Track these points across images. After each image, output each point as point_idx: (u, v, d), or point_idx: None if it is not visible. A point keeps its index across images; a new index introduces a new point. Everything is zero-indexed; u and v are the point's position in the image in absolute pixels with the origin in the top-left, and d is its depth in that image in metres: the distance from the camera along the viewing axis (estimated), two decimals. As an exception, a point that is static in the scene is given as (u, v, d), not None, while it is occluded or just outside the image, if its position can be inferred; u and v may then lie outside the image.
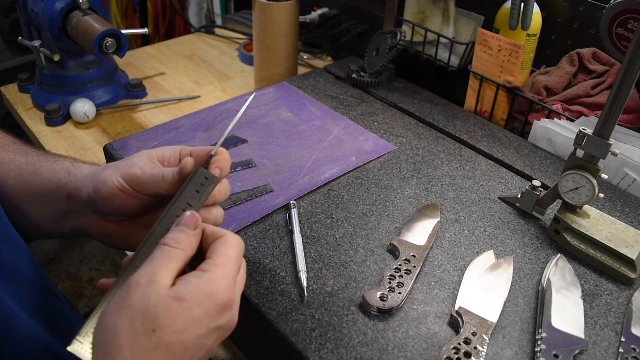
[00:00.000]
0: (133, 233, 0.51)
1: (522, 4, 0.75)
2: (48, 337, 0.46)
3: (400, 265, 0.55)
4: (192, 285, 0.37)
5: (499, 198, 0.67)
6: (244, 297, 0.52)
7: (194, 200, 0.44)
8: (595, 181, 0.56)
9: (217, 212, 0.48)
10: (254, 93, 0.51)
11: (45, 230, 0.53)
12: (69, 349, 0.38)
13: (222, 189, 0.47)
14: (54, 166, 0.53)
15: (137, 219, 0.51)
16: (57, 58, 0.91)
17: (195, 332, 0.36)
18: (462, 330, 0.48)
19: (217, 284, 0.38)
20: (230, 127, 0.48)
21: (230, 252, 0.40)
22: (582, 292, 0.54)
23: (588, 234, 0.58)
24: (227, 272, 0.39)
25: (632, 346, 0.49)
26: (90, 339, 0.39)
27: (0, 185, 0.53)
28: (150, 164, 0.47)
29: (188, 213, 0.42)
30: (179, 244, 0.39)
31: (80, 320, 0.54)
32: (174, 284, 0.37)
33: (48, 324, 0.47)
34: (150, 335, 0.35)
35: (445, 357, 0.46)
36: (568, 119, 0.76)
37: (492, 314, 0.50)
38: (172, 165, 0.49)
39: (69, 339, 0.49)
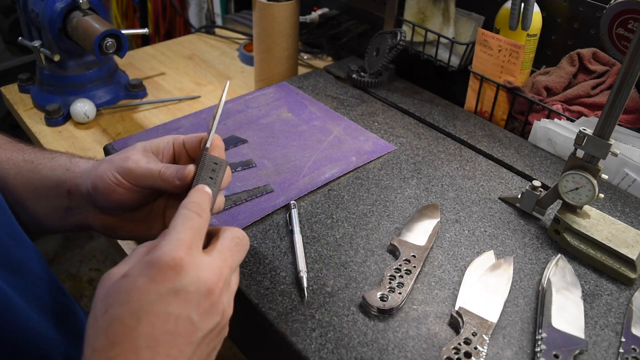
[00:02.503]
0: (135, 224, 0.52)
1: (522, 4, 0.75)
2: (55, 333, 0.46)
3: (400, 265, 0.55)
4: (136, 261, 0.37)
5: (499, 198, 0.67)
6: (245, 297, 0.52)
7: (211, 186, 0.44)
8: (595, 181, 0.56)
9: (220, 199, 0.48)
10: (228, 81, 0.52)
11: (49, 225, 0.54)
12: None
13: (226, 175, 0.48)
14: (52, 163, 0.53)
15: (137, 211, 0.51)
16: (57, 58, 0.90)
17: (143, 299, 0.35)
18: (462, 330, 0.48)
19: (157, 250, 0.36)
20: (218, 115, 0.47)
21: (177, 219, 0.39)
22: (582, 292, 0.54)
23: (588, 234, 0.58)
24: (173, 237, 0.37)
25: (632, 346, 0.49)
26: None
27: (2, 182, 0.53)
28: (144, 157, 0.47)
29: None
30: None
31: (86, 318, 0.54)
32: None
33: (56, 320, 0.47)
34: (104, 315, 0.35)
35: (445, 357, 0.46)
36: (568, 119, 0.76)
37: (492, 314, 0.50)
38: (167, 157, 0.50)
39: (76, 335, 0.50)
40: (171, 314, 0.35)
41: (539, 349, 0.47)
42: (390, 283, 0.52)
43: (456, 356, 0.46)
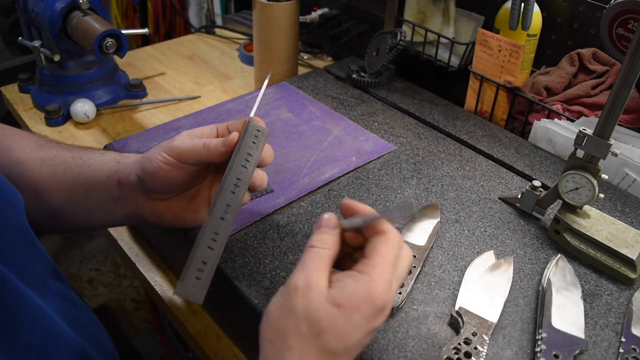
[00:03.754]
0: (182, 207, 0.55)
1: (522, 4, 0.75)
2: (69, 331, 0.47)
3: (400, 265, 0.55)
4: (349, 289, 0.37)
5: (499, 198, 0.67)
6: (244, 297, 0.52)
7: (252, 149, 0.50)
8: (595, 181, 0.56)
9: (262, 175, 0.53)
10: (271, 71, 0.59)
11: (98, 219, 0.57)
12: (175, 293, 0.43)
13: (268, 150, 0.53)
14: (102, 157, 0.56)
15: (184, 193, 0.54)
16: (57, 58, 0.90)
17: (356, 336, 0.37)
18: (462, 330, 0.48)
19: (374, 289, 0.37)
20: (262, 91, 0.54)
21: (388, 252, 0.39)
22: (582, 292, 0.54)
23: (588, 234, 0.58)
24: (385, 275, 0.38)
25: (632, 346, 0.49)
26: (192, 280, 0.43)
27: (43, 181, 0.55)
28: (189, 138, 0.51)
29: (325, 215, 0.42)
30: (325, 243, 0.40)
31: (92, 319, 0.55)
32: (330, 284, 0.38)
33: (65, 319, 0.48)
34: (316, 338, 0.37)
35: (445, 357, 0.46)
36: (568, 119, 0.76)
37: (492, 314, 0.50)
38: None
39: (88, 335, 0.50)
40: (363, 345, 0.39)
41: (539, 349, 0.47)
42: (390, 283, 0.52)
43: (456, 356, 0.46)
